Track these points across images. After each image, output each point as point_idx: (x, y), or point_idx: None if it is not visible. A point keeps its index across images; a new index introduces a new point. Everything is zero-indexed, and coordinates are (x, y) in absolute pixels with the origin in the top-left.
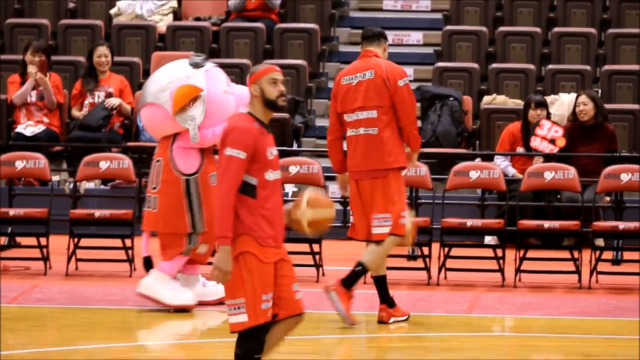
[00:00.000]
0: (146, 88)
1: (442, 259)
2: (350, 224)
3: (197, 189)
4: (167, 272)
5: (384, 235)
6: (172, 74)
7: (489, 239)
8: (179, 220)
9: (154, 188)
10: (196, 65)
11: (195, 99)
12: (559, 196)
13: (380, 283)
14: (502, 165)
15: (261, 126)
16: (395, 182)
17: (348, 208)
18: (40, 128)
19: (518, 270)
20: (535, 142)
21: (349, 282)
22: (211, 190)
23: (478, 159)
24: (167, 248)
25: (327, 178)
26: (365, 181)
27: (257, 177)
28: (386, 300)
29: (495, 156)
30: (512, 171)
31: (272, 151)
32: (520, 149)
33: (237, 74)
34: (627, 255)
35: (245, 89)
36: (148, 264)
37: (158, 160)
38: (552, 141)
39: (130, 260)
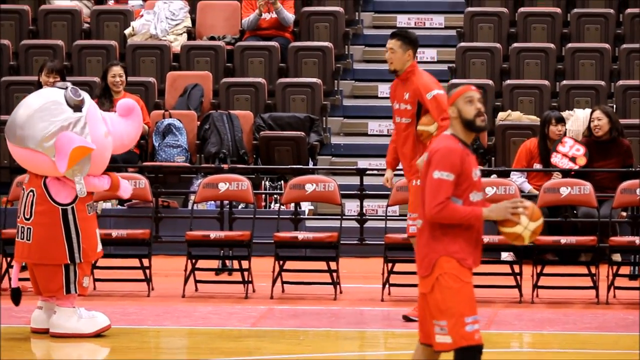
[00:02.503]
0: (22, 127)
1: None
2: None
3: (75, 219)
4: (68, 305)
5: None
6: (55, 119)
7: (505, 255)
8: (55, 251)
9: (27, 219)
10: (77, 108)
11: None
12: (575, 212)
13: None
14: (518, 181)
15: (465, 147)
16: None
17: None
18: None
19: (535, 286)
20: (555, 159)
21: None
22: (89, 220)
23: (494, 175)
24: (43, 280)
25: (343, 196)
26: None
27: (463, 198)
28: None
29: (512, 172)
30: (528, 187)
31: (477, 172)
32: (537, 165)
33: (252, 93)
34: None
35: (120, 122)
36: (16, 295)
37: (31, 191)
38: (573, 159)
39: (148, 280)
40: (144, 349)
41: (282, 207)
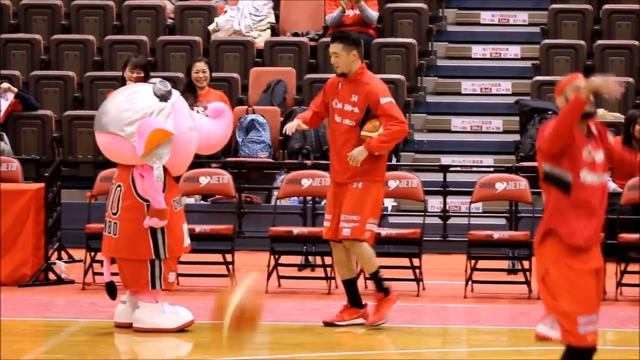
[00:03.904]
0: (107, 113)
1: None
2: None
3: None
4: (151, 300)
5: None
6: (139, 107)
7: None
8: (141, 246)
9: (115, 214)
10: (163, 98)
11: None
12: None
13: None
14: None
15: (578, 132)
16: None
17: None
18: None
19: (619, 284)
20: None
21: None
22: (175, 215)
23: None
24: (129, 275)
25: (427, 192)
26: None
27: (573, 174)
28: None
29: None
30: (612, 185)
31: (593, 154)
32: None
33: None
34: None
35: (209, 122)
36: (111, 290)
37: (118, 186)
38: None
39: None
40: (227, 344)
41: None
